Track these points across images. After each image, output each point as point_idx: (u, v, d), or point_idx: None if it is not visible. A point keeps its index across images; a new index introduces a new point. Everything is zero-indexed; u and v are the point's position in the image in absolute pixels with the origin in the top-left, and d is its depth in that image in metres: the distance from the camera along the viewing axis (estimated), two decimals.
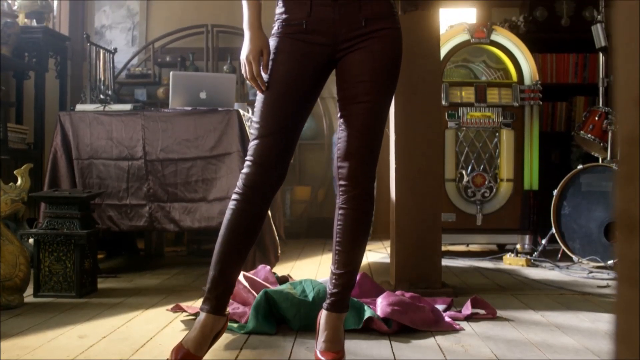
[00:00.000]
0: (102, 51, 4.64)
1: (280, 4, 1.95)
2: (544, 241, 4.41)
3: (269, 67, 1.91)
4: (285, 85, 1.90)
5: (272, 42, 1.94)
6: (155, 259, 4.51)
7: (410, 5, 3.09)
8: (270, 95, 1.91)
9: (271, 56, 1.92)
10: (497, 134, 4.59)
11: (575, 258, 4.17)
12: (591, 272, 3.89)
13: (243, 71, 1.93)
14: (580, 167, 4.32)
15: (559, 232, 4.27)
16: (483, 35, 4.65)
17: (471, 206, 4.56)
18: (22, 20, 4.98)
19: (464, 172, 4.55)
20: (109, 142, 3.81)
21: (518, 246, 4.57)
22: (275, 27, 1.95)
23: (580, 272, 3.90)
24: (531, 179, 4.60)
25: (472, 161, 4.58)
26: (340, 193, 1.99)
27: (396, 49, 1.96)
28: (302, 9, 1.90)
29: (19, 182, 3.20)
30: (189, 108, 3.83)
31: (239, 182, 1.93)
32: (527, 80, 4.64)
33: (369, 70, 1.91)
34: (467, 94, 4.60)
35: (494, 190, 4.57)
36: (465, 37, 4.66)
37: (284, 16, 1.93)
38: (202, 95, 3.88)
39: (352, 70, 1.93)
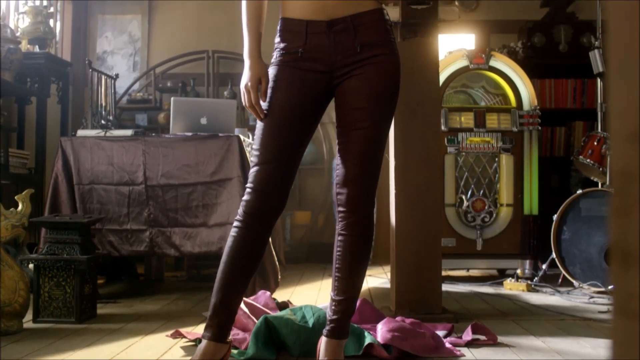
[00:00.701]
0: (103, 77, 4.67)
1: (278, 34, 1.98)
2: (544, 266, 4.40)
3: (269, 95, 1.93)
4: (284, 112, 1.92)
5: (272, 71, 1.96)
6: (155, 284, 4.50)
7: (409, 33, 3.12)
8: (270, 123, 1.92)
9: (270, 84, 1.94)
10: (496, 159, 4.61)
11: (576, 283, 4.16)
12: (592, 297, 3.88)
13: (242, 99, 1.95)
14: (579, 192, 4.33)
15: (560, 257, 4.27)
16: (482, 61, 4.69)
17: (471, 231, 4.56)
18: (25, 46, 5.02)
19: (463, 197, 4.56)
20: (110, 167, 3.82)
21: (518, 271, 4.56)
22: (274, 56, 1.98)
23: (581, 297, 3.89)
24: (531, 203, 4.61)
25: (472, 186, 4.59)
26: (340, 219, 2.00)
27: (393, 75, 1.97)
28: (299, 38, 1.93)
29: (20, 207, 3.21)
30: (190, 133, 3.85)
31: (240, 210, 1.94)
32: (526, 106, 4.67)
33: (366, 96, 1.93)
34: (467, 119, 4.63)
35: (494, 215, 4.58)
36: (464, 63, 4.69)
37: (281, 45, 1.96)
38: (203, 120, 3.91)
39: (350, 96, 1.94)
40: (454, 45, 5.46)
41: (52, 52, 5.41)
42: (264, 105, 1.94)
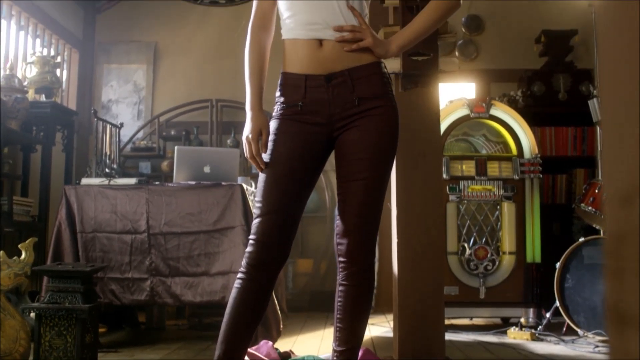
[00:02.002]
0: (108, 126, 4.73)
1: (279, 88, 2.03)
2: (548, 314, 4.37)
3: (270, 147, 1.96)
4: (286, 164, 1.95)
5: (273, 124, 2.00)
6: (156, 332, 4.47)
7: (410, 83, 3.17)
8: (272, 174, 1.95)
9: (272, 137, 1.97)
10: (498, 207, 4.62)
11: (580, 332, 4.13)
12: (597, 346, 3.85)
13: (244, 150, 1.98)
14: (581, 239, 4.33)
15: (563, 306, 4.25)
16: (482, 109, 4.74)
17: (474, 279, 4.55)
18: (31, 95, 5.09)
19: (466, 245, 4.56)
20: (113, 215, 3.84)
21: (522, 320, 4.52)
22: (275, 110, 2.02)
23: (586, 347, 3.85)
24: (533, 251, 4.60)
25: (474, 234, 4.59)
26: (341, 269, 2.01)
27: (391, 126, 2.00)
28: (298, 92, 1.97)
29: (23, 255, 3.22)
30: (193, 182, 3.88)
31: (244, 261, 1.95)
32: (527, 154, 4.71)
33: (365, 147, 1.95)
34: (468, 168, 4.66)
35: (497, 263, 4.57)
36: (465, 111, 4.75)
37: (281, 99, 2.00)
38: (206, 169, 3.94)
39: (349, 148, 1.97)
40: (454, 93, 5.53)
41: (58, 101, 5.48)
42: (265, 157, 1.97)
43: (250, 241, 1.96)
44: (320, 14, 1.96)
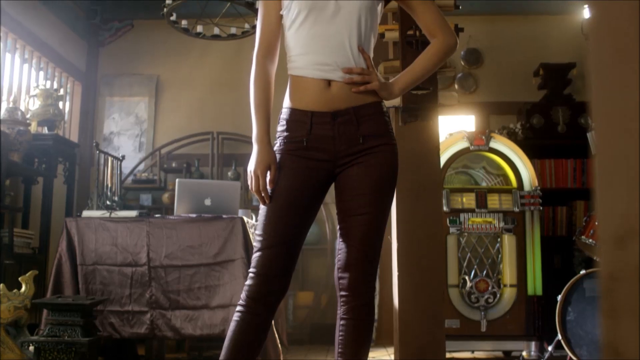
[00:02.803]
0: (110, 158, 4.75)
1: (282, 122, 2.04)
2: (550, 348, 4.34)
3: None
4: (287, 199, 1.96)
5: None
6: None
7: (410, 116, 3.20)
8: (273, 209, 1.96)
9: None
10: (498, 240, 4.62)
11: None
12: None
13: (249, 183, 1.99)
14: (583, 272, 4.32)
15: (565, 339, 4.22)
16: (482, 142, 4.77)
17: (475, 312, 4.53)
18: (34, 127, 5.13)
19: (466, 277, 4.55)
20: (114, 248, 3.84)
21: (524, 353, 4.50)
22: (278, 144, 2.03)
23: None
24: (535, 284, 4.59)
25: (475, 267, 4.59)
26: (341, 304, 2.01)
27: (392, 163, 2.03)
28: (303, 128, 1.99)
29: (23, 288, 3.22)
30: (194, 215, 3.89)
31: (243, 294, 1.96)
32: (527, 186, 4.72)
33: (367, 183, 1.97)
34: (468, 200, 4.67)
35: (498, 295, 4.56)
36: (464, 144, 4.78)
37: (285, 134, 2.01)
38: (207, 202, 3.95)
39: (351, 183, 1.99)
40: (454, 126, 5.57)
41: (61, 134, 5.52)
42: (269, 191, 1.98)
43: (250, 274, 1.96)
44: (332, 55, 1.98)
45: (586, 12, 5.59)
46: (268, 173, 1.97)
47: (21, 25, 5.44)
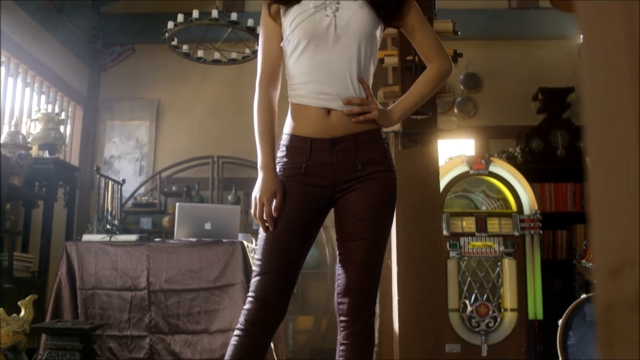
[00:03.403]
0: (110, 182, 4.76)
1: (282, 148, 2.05)
2: None
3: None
4: (287, 224, 1.96)
5: None
6: None
7: (409, 141, 3.21)
8: (273, 234, 1.96)
9: None
10: (499, 263, 4.62)
11: None
12: None
13: (253, 210, 1.99)
14: (583, 296, 4.30)
15: None
16: (482, 166, 4.79)
17: (476, 336, 4.51)
18: (35, 151, 5.15)
19: (467, 302, 4.54)
20: (114, 272, 3.84)
21: None
22: (277, 169, 2.04)
23: None
24: (535, 308, 4.58)
25: (475, 291, 4.58)
26: (341, 329, 2.01)
27: (391, 189, 2.04)
28: (303, 154, 2.00)
29: (22, 313, 3.21)
30: (194, 239, 3.89)
31: (241, 318, 1.96)
32: (527, 210, 4.73)
33: (366, 208, 1.98)
34: (468, 224, 4.67)
35: (498, 320, 4.54)
36: (464, 168, 4.79)
37: (285, 160, 2.03)
38: (207, 226, 3.95)
39: (350, 209, 2.00)
40: (454, 150, 5.59)
41: (61, 157, 5.54)
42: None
43: (249, 298, 1.96)
44: (332, 84, 2.00)
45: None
46: (274, 200, 1.97)
47: (23, 50, 5.49)
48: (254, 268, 2.00)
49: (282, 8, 2.08)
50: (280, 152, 2.05)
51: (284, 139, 2.06)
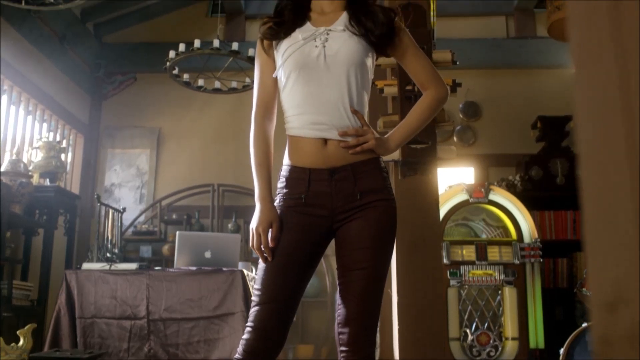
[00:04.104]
0: (111, 210, 4.77)
1: (282, 179, 2.07)
2: None
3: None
4: (287, 254, 1.97)
5: None
6: None
7: (409, 170, 3.23)
8: (272, 264, 1.97)
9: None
10: (499, 292, 4.60)
11: None
12: None
13: (251, 241, 2.00)
14: (585, 324, 4.28)
15: None
16: (481, 195, 4.80)
17: None
18: (36, 179, 5.16)
19: (468, 330, 4.52)
20: (113, 300, 3.83)
21: None
22: (277, 200, 2.05)
23: None
24: (536, 337, 4.55)
25: (476, 319, 4.56)
26: (342, 359, 2.00)
27: (391, 217, 2.04)
28: (302, 185, 2.01)
29: (21, 342, 3.19)
30: (194, 268, 3.89)
31: (239, 348, 1.95)
32: (527, 238, 4.73)
33: (366, 237, 1.98)
34: (468, 252, 4.67)
35: (500, 349, 4.51)
36: (464, 196, 4.80)
37: (284, 190, 2.04)
38: (207, 254, 3.95)
39: (350, 238, 2.00)
40: (453, 178, 5.60)
41: (62, 185, 5.55)
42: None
43: (247, 328, 1.96)
44: (326, 114, 2.01)
45: None
46: (270, 231, 1.98)
47: (26, 78, 5.54)
48: (253, 298, 2.00)
49: (274, 42, 2.11)
50: (280, 183, 2.07)
51: (284, 170, 2.08)
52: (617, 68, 0.61)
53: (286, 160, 2.08)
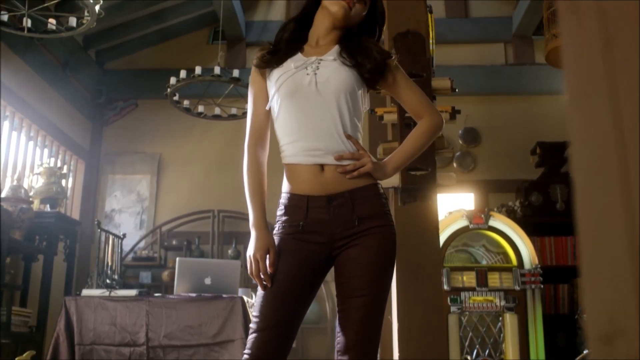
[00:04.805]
0: (111, 236, 4.77)
1: (281, 207, 2.07)
2: None
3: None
4: (286, 282, 1.97)
5: (274, 242, 2.03)
6: None
7: (409, 197, 3.23)
8: (271, 291, 1.97)
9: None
10: (500, 318, 4.58)
11: None
12: None
13: (249, 268, 2.00)
14: (586, 351, 4.26)
15: None
16: (481, 221, 4.80)
17: None
18: (36, 205, 5.17)
19: (469, 357, 4.49)
20: (112, 327, 3.81)
21: None
22: (276, 228, 2.06)
23: None
24: None
25: (477, 346, 4.53)
26: None
27: (390, 243, 2.04)
28: (300, 212, 2.02)
29: None
30: (194, 294, 3.88)
31: None
32: (527, 264, 4.72)
33: (365, 264, 1.98)
34: (469, 279, 4.66)
35: None
36: (464, 222, 4.80)
37: (283, 218, 2.05)
38: (207, 281, 3.95)
39: (349, 265, 2.00)
40: (453, 204, 5.61)
41: (62, 211, 5.56)
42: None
43: (245, 356, 1.95)
44: (321, 140, 2.03)
45: None
46: (267, 257, 1.99)
47: (28, 105, 5.57)
48: (251, 325, 1.99)
49: (267, 71, 2.13)
50: (280, 211, 2.07)
51: (283, 198, 2.08)
52: (609, 100, 0.63)
53: (285, 188, 2.09)
